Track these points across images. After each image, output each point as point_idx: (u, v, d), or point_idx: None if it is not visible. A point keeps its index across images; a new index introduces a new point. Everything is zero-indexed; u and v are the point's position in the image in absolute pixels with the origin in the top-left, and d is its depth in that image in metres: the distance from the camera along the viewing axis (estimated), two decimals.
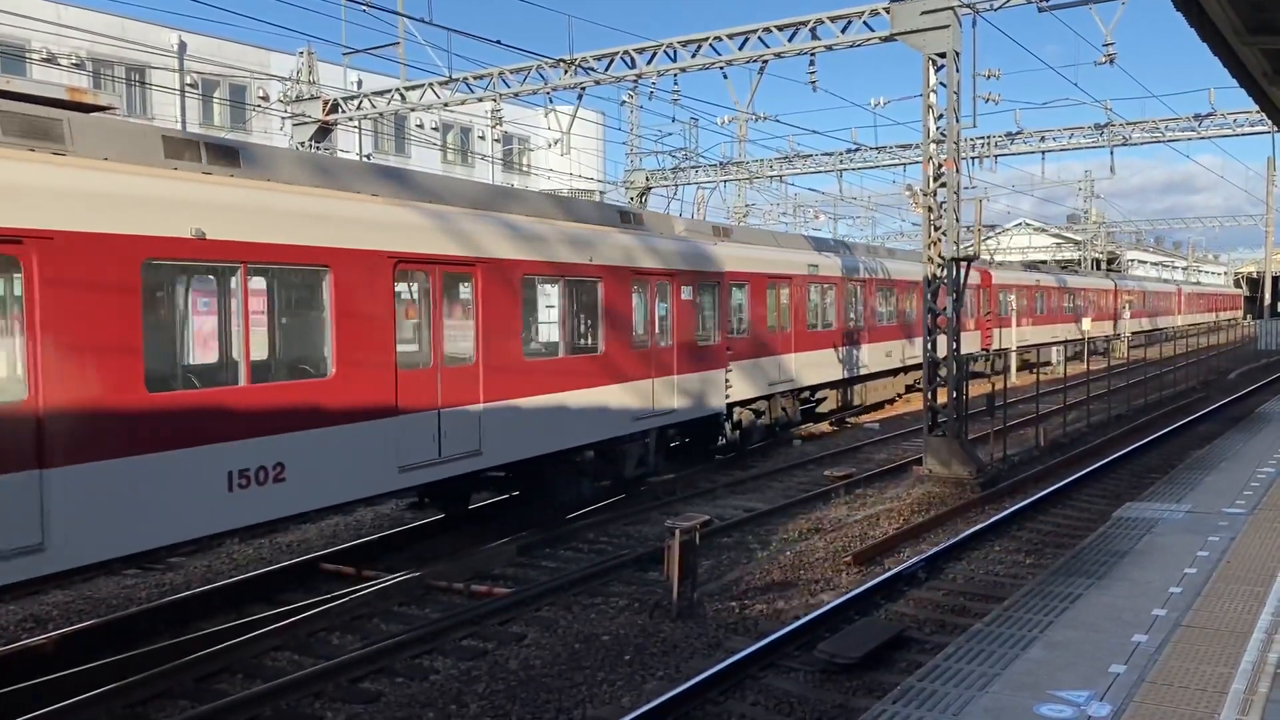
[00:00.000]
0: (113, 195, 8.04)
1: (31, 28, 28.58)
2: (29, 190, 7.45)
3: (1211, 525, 10.65)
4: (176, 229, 8.47)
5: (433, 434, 11.11)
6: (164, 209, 8.41)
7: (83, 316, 7.75)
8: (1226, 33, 10.55)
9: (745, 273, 19.98)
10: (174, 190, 8.59)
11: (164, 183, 8.59)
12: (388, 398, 10.55)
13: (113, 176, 8.18)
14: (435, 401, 11.20)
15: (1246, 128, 27.49)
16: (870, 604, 10.64)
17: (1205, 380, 34.12)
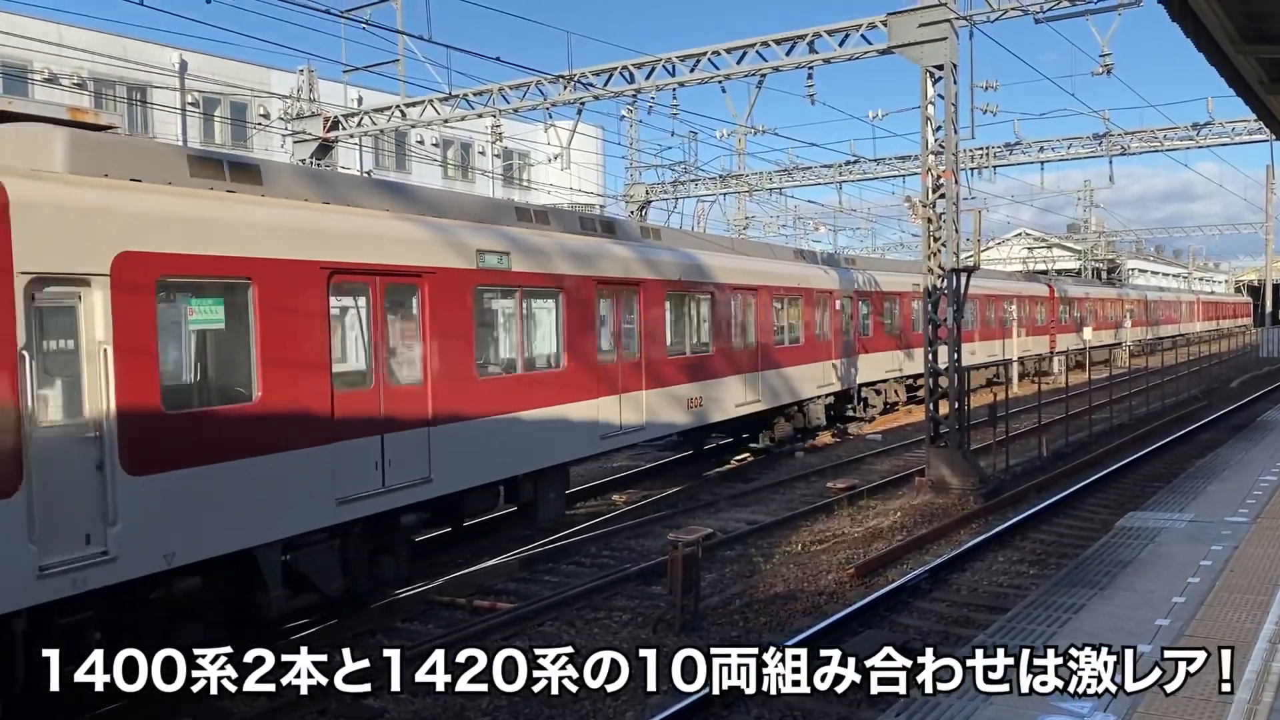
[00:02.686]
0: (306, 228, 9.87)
1: (33, 48, 28.74)
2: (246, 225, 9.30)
3: (1214, 534, 10.64)
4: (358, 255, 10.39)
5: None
6: (350, 238, 10.30)
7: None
8: (1223, 42, 10.58)
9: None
10: (353, 223, 10.60)
11: (348, 218, 10.56)
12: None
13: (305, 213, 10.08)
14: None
15: (1245, 136, 27.56)
16: (874, 616, 10.62)
17: (1207, 388, 34.08)
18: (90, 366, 7.78)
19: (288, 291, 9.45)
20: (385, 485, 10.47)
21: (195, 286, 8.84)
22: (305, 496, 9.58)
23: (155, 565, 8.16)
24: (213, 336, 9.17)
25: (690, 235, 22.08)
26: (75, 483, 7.60)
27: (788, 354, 21.18)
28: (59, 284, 7.64)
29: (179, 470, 8.35)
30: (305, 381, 9.59)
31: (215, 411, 8.94)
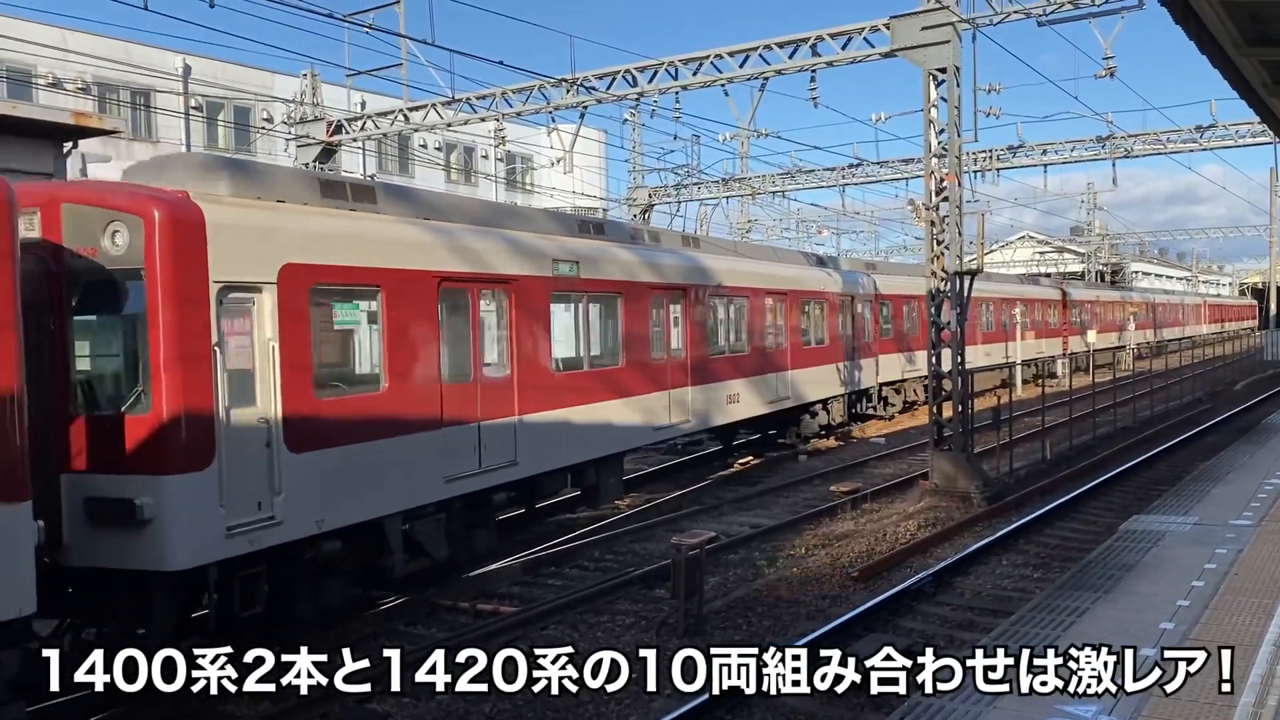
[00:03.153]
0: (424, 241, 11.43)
1: (37, 53, 28.80)
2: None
3: (1219, 537, 10.62)
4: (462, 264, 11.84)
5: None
6: (454, 250, 11.75)
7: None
8: (1225, 45, 10.58)
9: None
10: (456, 237, 12.04)
11: (451, 232, 11.99)
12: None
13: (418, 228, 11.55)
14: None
15: (1248, 138, 27.54)
16: (877, 619, 10.60)
17: (1212, 391, 34.03)
18: (261, 360, 9.20)
19: (407, 297, 10.91)
20: (481, 467, 11.86)
21: (339, 292, 10.32)
22: (421, 474, 11.00)
23: (309, 529, 9.57)
24: (351, 335, 10.72)
25: (727, 242, 23.45)
26: (251, 458, 8.95)
27: (814, 355, 22.31)
28: (240, 290, 9.08)
29: (326, 449, 9.75)
30: (421, 375, 11.07)
31: (353, 399, 10.42)
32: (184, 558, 8.48)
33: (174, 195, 8.94)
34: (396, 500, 10.68)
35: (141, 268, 8.47)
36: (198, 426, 8.55)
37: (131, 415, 8.49)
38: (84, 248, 8.60)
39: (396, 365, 10.68)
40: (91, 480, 8.39)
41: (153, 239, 8.46)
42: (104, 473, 8.42)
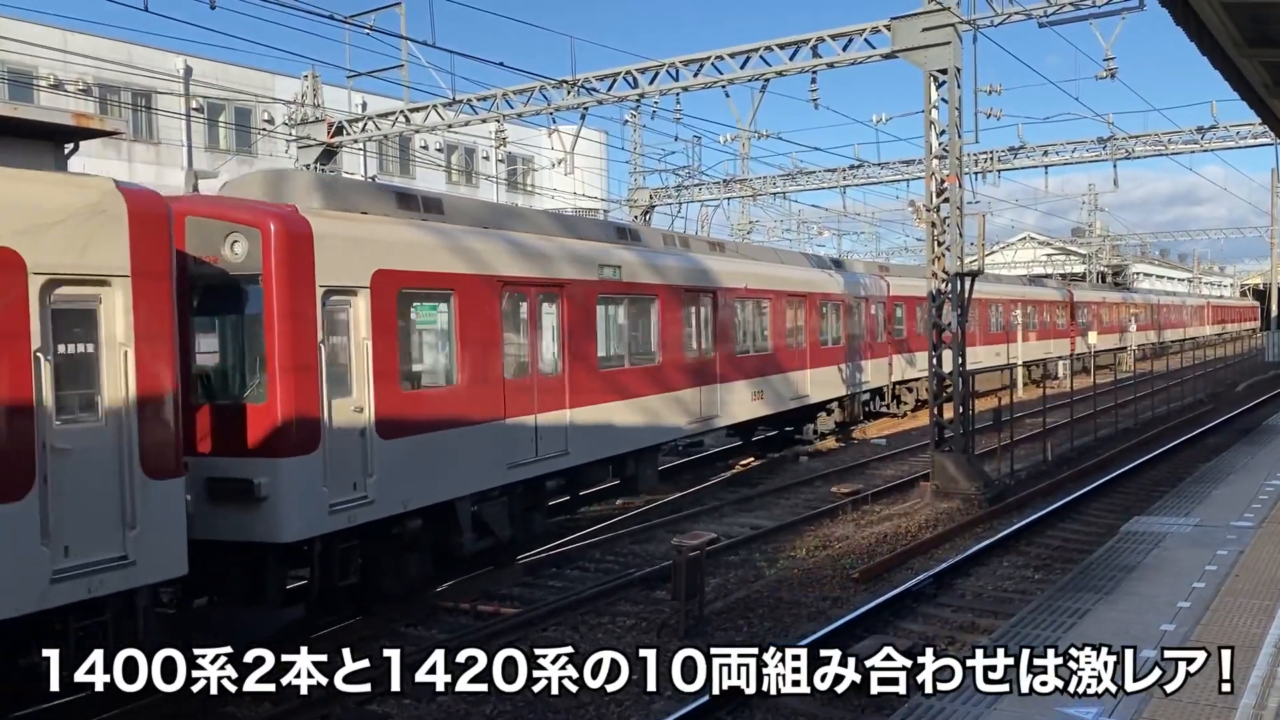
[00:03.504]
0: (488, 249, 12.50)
1: (38, 54, 28.82)
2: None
3: (1220, 538, 10.61)
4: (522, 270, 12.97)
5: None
6: (514, 256, 12.83)
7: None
8: (1226, 46, 10.58)
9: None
10: (517, 245, 13.17)
11: (512, 241, 13.09)
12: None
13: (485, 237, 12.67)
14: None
15: (1249, 139, 27.54)
16: (878, 621, 10.59)
17: (1213, 392, 34.02)
18: (357, 356, 10.25)
19: (476, 300, 11.96)
20: (538, 455, 12.94)
21: (420, 295, 11.32)
22: (488, 461, 12.09)
23: (396, 508, 10.60)
24: (429, 334, 11.73)
25: (749, 247, 24.52)
26: (349, 444, 10.00)
27: (831, 354, 23.40)
28: (340, 294, 10.11)
29: (410, 437, 10.79)
30: (487, 371, 12.15)
31: (431, 393, 11.50)
32: (294, 531, 9.53)
33: (286, 209, 9.99)
34: (467, 484, 11.77)
35: (259, 274, 9.51)
36: (307, 415, 9.63)
37: (250, 404, 9.58)
38: (206, 255, 9.62)
39: (467, 362, 11.78)
40: (213, 462, 9.31)
41: (269, 248, 9.51)
42: (225, 455, 9.44)
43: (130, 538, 7.75)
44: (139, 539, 7.78)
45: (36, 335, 7.24)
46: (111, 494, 7.68)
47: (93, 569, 7.50)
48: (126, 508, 7.73)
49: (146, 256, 7.88)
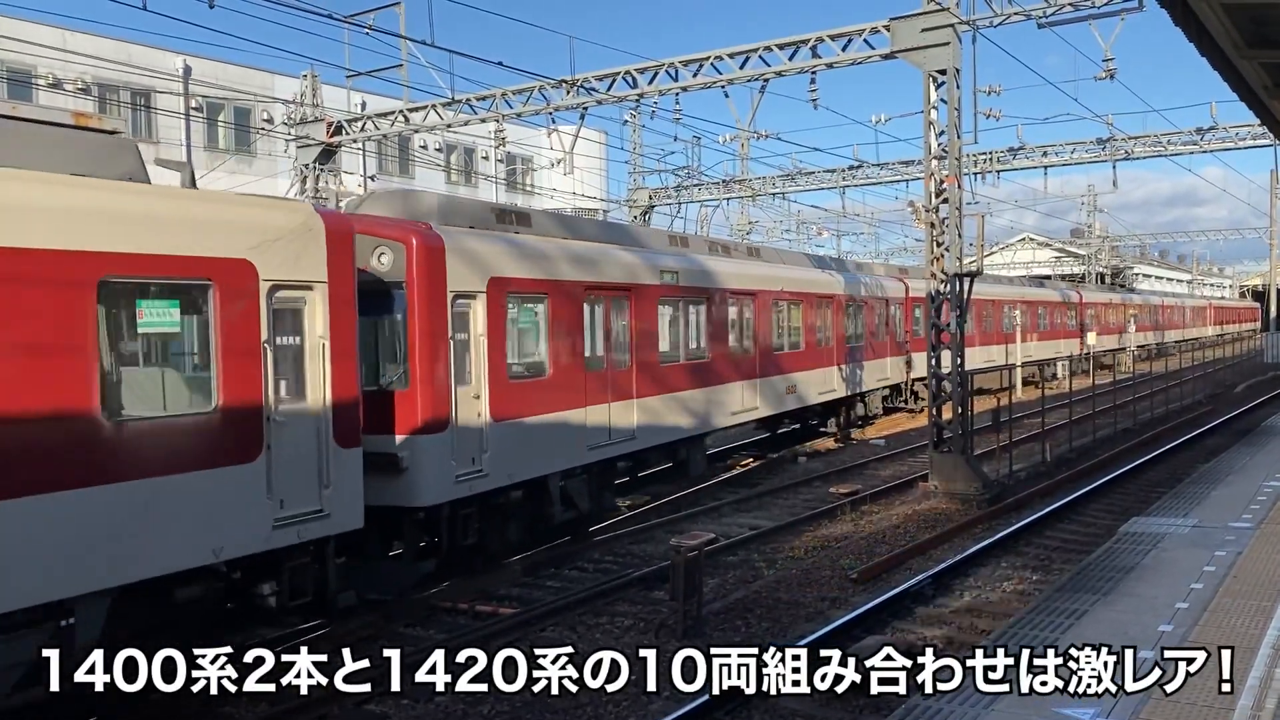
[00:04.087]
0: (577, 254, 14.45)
1: (37, 53, 28.80)
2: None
3: (1218, 540, 10.61)
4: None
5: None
6: (595, 263, 14.66)
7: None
8: (1226, 47, 10.59)
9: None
10: (598, 253, 14.99)
11: (594, 249, 14.96)
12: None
13: (573, 246, 14.59)
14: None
15: (1249, 141, 27.56)
16: (877, 621, 10.60)
17: (1212, 393, 34.03)
18: (475, 351, 11.91)
19: (564, 302, 13.63)
20: (610, 439, 14.53)
21: (522, 299, 12.96)
22: (573, 443, 13.71)
23: (504, 481, 12.28)
24: (528, 332, 13.32)
25: (781, 252, 25.59)
26: (470, 424, 11.74)
27: (855, 352, 24.71)
28: (464, 297, 11.81)
29: (514, 419, 12.49)
30: (573, 364, 13.79)
31: (530, 382, 13.05)
32: (430, 497, 11.23)
33: (423, 227, 11.61)
34: (557, 462, 13.40)
35: (402, 280, 11.14)
36: (440, 399, 11.34)
37: (396, 391, 11.18)
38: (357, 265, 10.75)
39: (557, 356, 13.46)
40: (365, 439, 10.24)
41: (411, 260, 11.17)
42: (375, 433, 10.57)
43: (325, 495, 9.45)
44: (332, 496, 9.48)
45: (264, 329, 8.92)
46: (312, 459, 9.36)
47: (300, 519, 9.19)
48: (323, 470, 9.43)
49: (337, 267, 9.64)
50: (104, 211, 7.89)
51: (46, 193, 7.52)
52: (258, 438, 8.78)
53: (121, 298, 8.03)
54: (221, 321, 8.58)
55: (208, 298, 8.53)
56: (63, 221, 7.54)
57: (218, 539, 8.49)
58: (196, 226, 8.52)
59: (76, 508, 7.47)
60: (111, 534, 7.71)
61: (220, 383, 8.57)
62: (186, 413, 8.47)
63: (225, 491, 8.54)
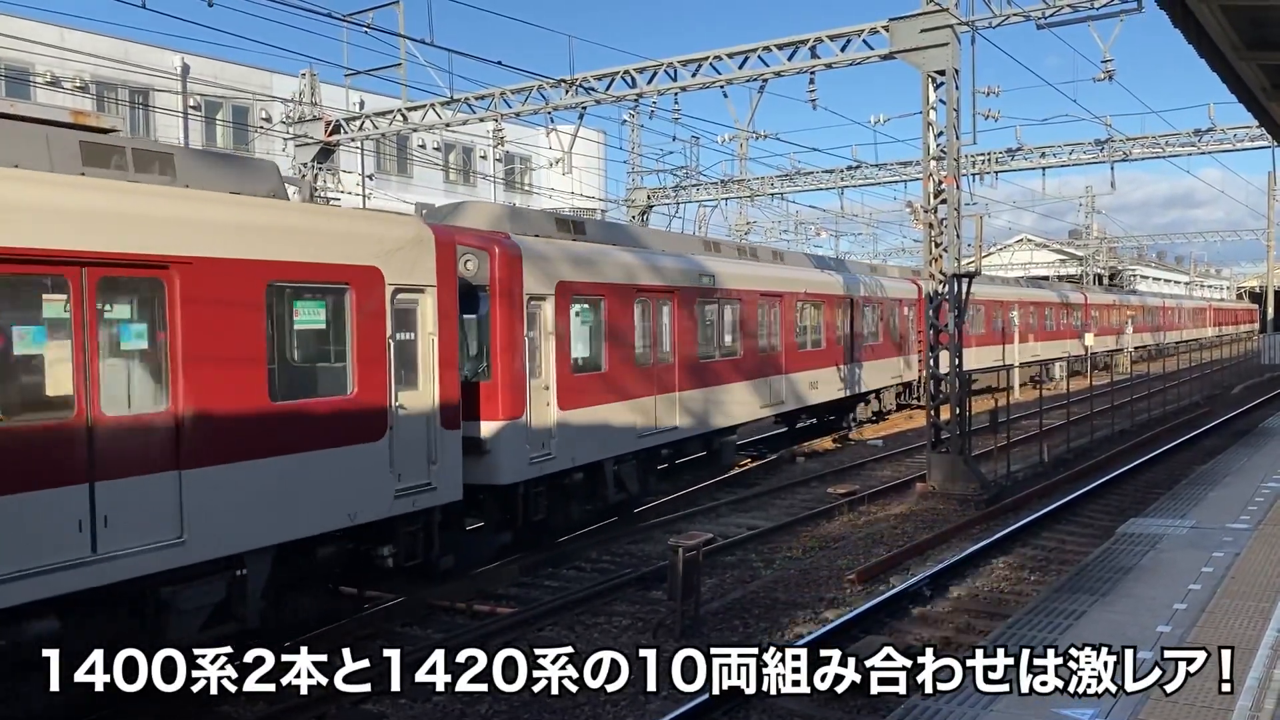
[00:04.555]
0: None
1: (35, 51, 28.76)
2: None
3: (1216, 541, 10.61)
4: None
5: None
6: (644, 268, 16.02)
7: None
8: (1225, 49, 10.60)
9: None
10: (647, 259, 16.38)
11: (642, 255, 16.32)
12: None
13: (623, 252, 15.90)
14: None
15: (1247, 142, 27.56)
16: (874, 622, 10.60)
17: (1209, 394, 34.07)
18: (544, 346, 13.19)
19: (618, 303, 14.96)
20: (656, 428, 15.78)
21: (584, 300, 14.21)
22: (624, 431, 14.95)
23: (568, 464, 13.56)
24: (588, 330, 14.46)
25: (801, 255, 26.73)
26: (541, 412, 13.03)
27: (870, 351, 25.83)
28: (537, 299, 13.08)
29: (577, 409, 13.75)
30: (624, 360, 15.09)
31: (590, 375, 14.30)
32: (508, 476, 12.55)
33: (501, 236, 12.96)
34: (611, 448, 14.65)
35: (486, 284, 12.37)
36: (517, 389, 12.63)
37: (480, 381, 12.32)
38: None
39: (611, 352, 14.75)
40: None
41: (494, 265, 12.43)
42: (465, 419, 11.66)
43: (433, 470, 10.76)
44: (438, 472, 10.81)
45: (389, 326, 10.24)
46: (423, 439, 10.66)
47: (414, 491, 10.51)
48: (431, 449, 10.75)
49: (444, 272, 11.03)
50: (269, 225, 9.21)
51: (236, 211, 8.95)
52: (384, 420, 10.19)
53: (282, 298, 9.33)
54: (356, 319, 9.93)
55: (345, 299, 9.87)
56: (243, 234, 8.87)
57: (352, 506, 9.82)
58: (338, 238, 9.89)
59: (250, 475, 8.73)
60: (274, 499, 9.00)
61: (355, 372, 9.92)
62: (330, 398, 9.79)
63: (358, 465, 9.88)
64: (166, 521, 8.04)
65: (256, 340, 8.87)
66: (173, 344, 8.20)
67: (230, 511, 8.53)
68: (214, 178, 9.19)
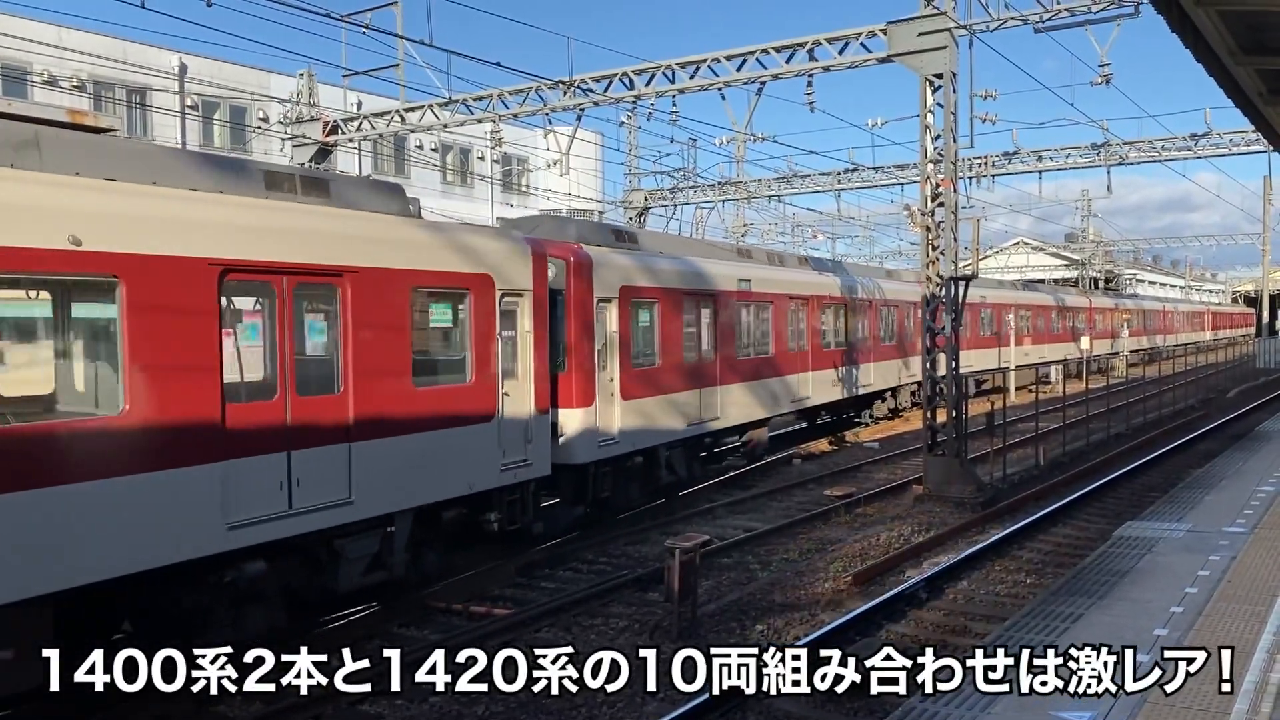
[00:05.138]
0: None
1: (33, 50, 28.72)
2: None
3: (1212, 544, 10.63)
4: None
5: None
6: (693, 275, 17.93)
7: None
8: (1221, 53, 10.63)
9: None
10: (699, 266, 18.38)
11: (692, 263, 18.18)
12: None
13: (672, 261, 17.68)
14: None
15: (1243, 147, 27.58)
16: (871, 624, 10.61)
17: (1205, 398, 34.13)
18: (609, 343, 14.95)
19: (670, 305, 16.68)
20: (701, 418, 17.49)
21: (642, 303, 15.97)
22: (675, 420, 16.76)
23: (629, 449, 15.36)
24: (644, 329, 16.20)
25: (826, 261, 28.37)
26: (607, 402, 14.85)
27: (889, 350, 27.45)
28: (604, 303, 14.88)
29: (637, 399, 15.54)
30: (674, 356, 16.79)
31: (647, 370, 16.02)
32: (582, 457, 14.33)
33: (576, 247, 14.71)
34: (664, 435, 16.37)
35: (563, 289, 14.04)
36: (588, 382, 14.44)
37: (560, 373, 13.91)
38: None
39: (664, 350, 16.45)
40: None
41: (570, 272, 14.21)
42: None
43: (529, 448, 12.46)
44: (532, 450, 12.53)
45: (498, 325, 11.95)
46: (522, 422, 12.40)
47: (515, 465, 12.27)
48: (528, 430, 12.48)
49: (537, 279, 12.80)
50: (411, 240, 10.95)
51: (387, 228, 10.71)
52: (494, 404, 11.89)
53: (421, 301, 11.13)
54: (474, 319, 11.67)
55: (466, 302, 11.63)
56: (395, 247, 10.61)
57: (470, 477, 11.56)
58: (462, 250, 11.66)
59: (399, 448, 10.38)
60: (415, 469, 10.63)
61: (473, 363, 11.64)
62: (454, 385, 11.50)
63: (475, 443, 11.57)
64: (340, 485, 9.69)
65: (404, 335, 10.62)
66: (344, 338, 9.85)
67: (385, 478, 10.18)
68: (360, 199, 10.69)
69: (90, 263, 7.77)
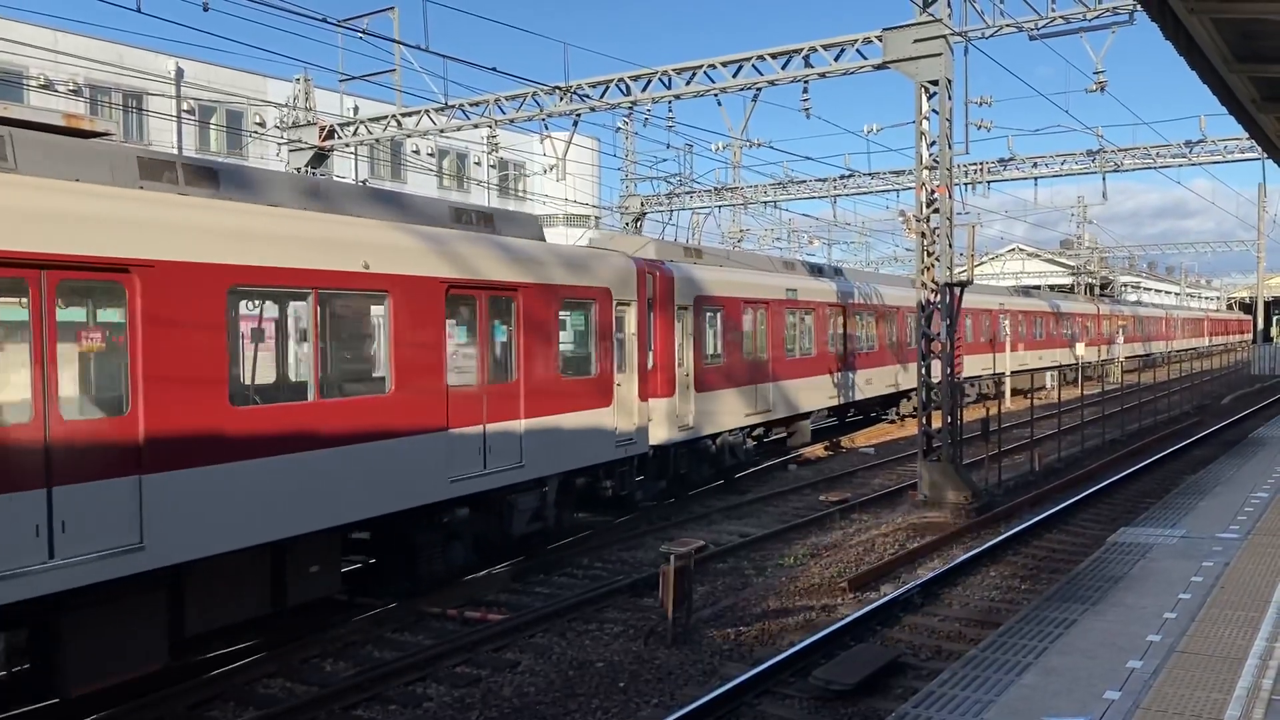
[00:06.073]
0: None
1: (29, 54, 28.70)
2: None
3: (1206, 550, 10.65)
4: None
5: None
6: (747, 285, 20.58)
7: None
8: (1215, 61, 10.64)
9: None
10: (750, 278, 21.22)
11: (744, 273, 21.15)
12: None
13: (722, 270, 20.39)
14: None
15: (1237, 154, 27.67)
16: (866, 630, 10.60)
17: (1199, 405, 34.18)
18: (685, 342, 17.37)
19: (732, 311, 19.26)
20: (757, 410, 20.29)
21: (711, 309, 18.55)
22: (736, 410, 19.46)
23: (700, 434, 17.86)
24: (713, 331, 18.59)
25: (855, 271, 30.24)
26: (684, 393, 17.53)
27: (911, 354, 27.46)
28: (682, 309, 17.49)
29: (707, 392, 18.23)
30: (737, 354, 19.56)
31: (714, 366, 18.65)
32: (665, 439, 16.81)
33: (661, 262, 17.34)
34: (728, 423, 19.07)
35: (651, 298, 16.24)
36: (670, 376, 17.01)
37: (648, 369, 15.76)
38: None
39: (728, 350, 19.24)
40: None
41: (657, 284, 16.69)
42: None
43: (634, 430, 15.10)
44: (635, 431, 15.16)
45: (614, 328, 14.55)
46: (630, 408, 15.07)
47: (625, 443, 14.89)
48: (636, 414, 15.17)
49: (640, 290, 15.42)
50: (557, 260, 13.50)
51: (540, 251, 13.29)
52: (610, 391, 14.47)
53: (566, 308, 13.78)
54: (598, 323, 14.34)
55: (593, 310, 14.29)
56: (547, 266, 13.19)
57: (596, 450, 14.20)
58: (589, 269, 14.24)
59: (551, 424, 13.06)
60: (562, 442, 13.30)
61: (597, 359, 14.30)
62: (585, 377, 14.04)
63: (599, 422, 14.19)
64: (515, 453, 12.40)
65: (554, 336, 13.27)
66: (518, 339, 12.53)
67: (543, 448, 12.82)
68: (508, 227, 13.35)
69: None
